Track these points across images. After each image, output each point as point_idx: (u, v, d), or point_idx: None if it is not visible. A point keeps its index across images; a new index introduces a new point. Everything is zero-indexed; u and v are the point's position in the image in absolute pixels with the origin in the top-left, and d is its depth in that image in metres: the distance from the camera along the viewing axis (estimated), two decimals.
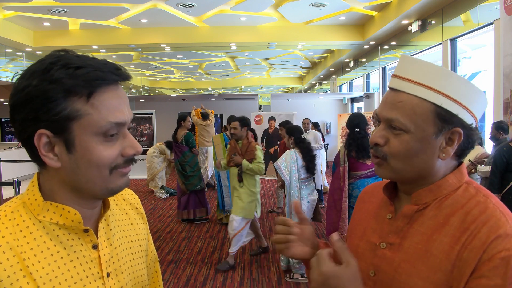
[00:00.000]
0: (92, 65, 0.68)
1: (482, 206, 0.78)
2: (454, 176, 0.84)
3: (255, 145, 4.15)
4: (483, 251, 0.72)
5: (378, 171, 0.88)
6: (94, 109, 0.67)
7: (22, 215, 0.70)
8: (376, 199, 0.98)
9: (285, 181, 3.83)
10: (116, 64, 0.72)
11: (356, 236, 0.96)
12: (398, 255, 0.83)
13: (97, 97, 0.68)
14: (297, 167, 3.80)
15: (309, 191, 3.90)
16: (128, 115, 0.72)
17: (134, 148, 0.73)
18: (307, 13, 9.24)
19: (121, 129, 0.72)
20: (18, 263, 0.65)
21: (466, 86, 0.80)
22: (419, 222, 0.83)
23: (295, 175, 3.79)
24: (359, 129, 3.64)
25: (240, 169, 4.09)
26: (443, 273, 0.76)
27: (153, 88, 20.31)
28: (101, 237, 0.76)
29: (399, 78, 0.83)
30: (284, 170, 3.79)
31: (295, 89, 21.82)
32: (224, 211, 5.74)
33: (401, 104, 0.81)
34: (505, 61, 5.13)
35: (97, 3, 8.27)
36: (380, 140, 0.84)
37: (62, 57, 0.68)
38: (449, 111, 0.79)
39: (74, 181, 0.70)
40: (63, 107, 0.66)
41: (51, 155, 0.68)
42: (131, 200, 0.93)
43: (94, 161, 0.68)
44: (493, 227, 0.74)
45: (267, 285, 3.77)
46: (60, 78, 0.65)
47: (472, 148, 0.85)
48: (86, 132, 0.68)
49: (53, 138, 0.67)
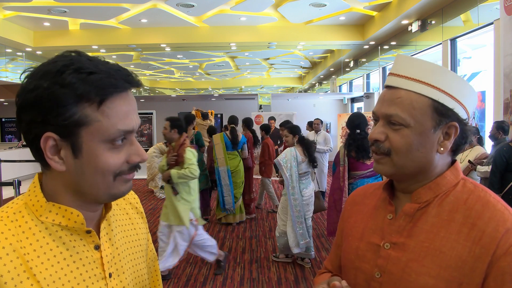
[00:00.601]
0: (104, 71, 0.67)
1: (483, 201, 0.80)
2: (451, 173, 0.86)
3: (185, 148, 3.70)
4: (495, 247, 0.74)
5: (378, 168, 0.88)
6: (104, 116, 0.67)
7: (24, 216, 0.69)
8: (370, 201, 0.98)
9: (284, 177, 4.02)
10: (128, 70, 0.72)
11: (354, 238, 0.95)
12: (404, 254, 0.83)
13: (108, 104, 0.67)
14: (296, 162, 4.01)
15: (304, 186, 4.10)
16: (136, 122, 0.72)
17: (140, 156, 0.73)
18: (307, 13, 9.24)
19: (128, 136, 0.72)
20: (21, 264, 0.65)
21: (460, 82, 0.83)
22: (422, 220, 0.83)
23: (295, 170, 4.00)
24: (360, 130, 3.63)
25: (171, 181, 3.63)
26: (453, 269, 0.76)
27: (153, 88, 20.31)
28: (103, 238, 0.76)
29: (396, 76, 0.85)
30: (284, 166, 3.99)
31: (295, 89, 21.82)
32: (225, 210, 5.76)
33: (399, 100, 0.83)
34: (505, 61, 5.13)
35: (97, 3, 8.27)
36: (380, 136, 0.85)
37: (75, 60, 0.67)
38: (445, 106, 0.81)
39: (77, 185, 0.70)
40: (73, 112, 0.65)
41: (57, 159, 0.68)
42: (131, 200, 0.93)
43: (99, 168, 0.68)
44: (500, 221, 0.76)
45: (267, 285, 3.77)
46: (73, 83, 0.64)
47: (466, 144, 0.88)
48: (94, 139, 0.67)
49: (60, 141, 0.67)
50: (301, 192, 4.04)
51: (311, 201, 4.16)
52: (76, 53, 0.69)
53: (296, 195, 3.98)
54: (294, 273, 4.02)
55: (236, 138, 5.78)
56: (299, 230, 3.98)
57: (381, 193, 0.96)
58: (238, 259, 4.43)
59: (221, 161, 5.75)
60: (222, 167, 5.73)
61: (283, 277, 3.92)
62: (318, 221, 5.96)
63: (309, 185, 4.17)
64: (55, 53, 0.70)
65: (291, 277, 3.93)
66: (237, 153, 5.86)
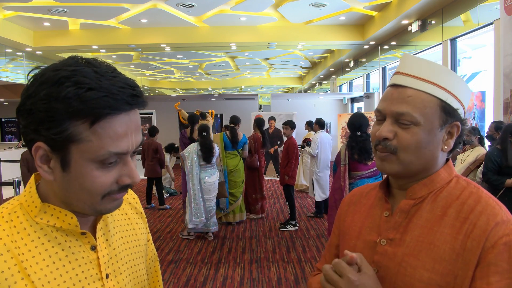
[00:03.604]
0: (105, 88, 0.63)
1: (475, 196, 0.83)
2: (445, 170, 0.88)
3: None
4: (485, 239, 0.76)
5: (383, 166, 0.88)
6: (95, 136, 0.64)
7: (19, 217, 0.69)
8: (367, 200, 0.99)
9: (185, 166, 4.98)
10: (134, 88, 0.67)
11: (351, 237, 0.97)
12: (400, 249, 0.85)
13: (102, 124, 0.64)
14: (197, 155, 4.97)
15: (207, 175, 5.01)
16: (133, 143, 0.68)
17: (131, 178, 0.69)
18: (307, 13, 9.24)
19: (122, 157, 0.68)
20: (16, 265, 0.64)
21: (461, 83, 0.87)
22: (417, 216, 0.86)
23: (195, 161, 4.95)
24: (361, 132, 3.61)
25: None
26: (447, 262, 0.78)
27: (153, 88, 20.31)
28: (100, 238, 0.76)
29: (404, 75, 0.86)
30: (187, 157, 4.99)
31: (295, 89, 21.82)
32: (220, 209, 5.78)
33: (410, 98, 0.84)
34: (505, 61, 5.13)
35: (97, 3, 8.27)
36: (389, 134, 0.85)
37: (78, 71, 0.63)
38: (452, 106, 0.85)
39: (64, 196, 0.69)
40: (64, 128, 0.63)
41: (46, 168, 0.67)
42: (130, 200, 0.92)
43: (86, 186, 0.66)
44: (490, 215, 0.79)
45: (267, 285, 3.77)
46: (68, 97, 0.61)
47: (460, 144, 0.91)
48: (83, 157, 0.65)
49: (50, 153, 0.65)
50: (203, 180, 4.96)
51: (213, 188, 5.04)
52: (85, 62, 0.66)
53: (194, 181, 4.92)
54: (294, 273, 4.03)
55: (236, 137, 5.78)
56: (194, 210, 4.88)
57: (377, 192, 0.97)
58: (238, 259, 4.44)
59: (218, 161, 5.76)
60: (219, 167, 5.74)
61: (283, 277, 3.92)
62: (318, 221, 5.96)
63: (213, 174, 5.05)
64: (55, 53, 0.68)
65: (291, 277, 3.93)
66: (237, 153, 5.87)
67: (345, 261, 0.79)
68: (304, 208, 6.91)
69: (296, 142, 5.78)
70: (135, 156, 0.73)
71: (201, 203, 4.91)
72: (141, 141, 0.71)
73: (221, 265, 4.26)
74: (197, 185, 4.90)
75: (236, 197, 5.78)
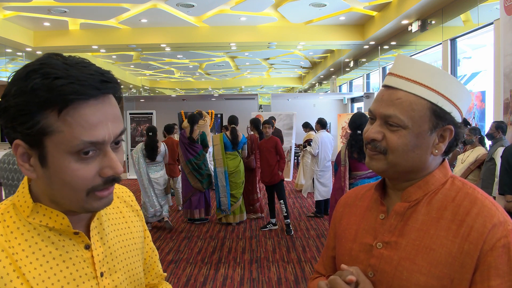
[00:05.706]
0: (73, 76, 0.62)
1: (471, 198, 0.82)
2: (440, 171, 0.87)
3: None
4: (483, 242, 0.75)
5: (370, 164, 0.89)
6: (66, 126, 0.62)
7: (12, 217, 0.69)
8: (362, 202, 0.99)
9: (134, 167, 5.55)
10: (105, 75, 0.66)
11: (347, 240, 0.96)
12: (396, 253, 0.84)
13: (70, 113, 0.62)
14: (142, 155, 5.50)
15: (151, 172, 5.58)
16: (111, 132, 0.66)
17: (112, 169, 0.67)
18: (307, 13, 9.24)
19: (100, 148, 0.66)
20: (11, 264, 0.65)
21: (457, 85, 0.84)
22: (413, 219, 0.85)
23: (142, 160, 5.49)
24: (361, 131, 3.62)
25: None
26: (444, 266, 0.78)
27: (153, 88, 20.31)
28: (94, 237, 0.76)
29: (396, 76, 0.85)
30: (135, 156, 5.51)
31: (295, 89, 21.81)
32: (221, 211, 5.77)
33: (399, 101, 0.83)
34: (505, 61, 5.13)
35: (97, 3, 8.28)
36: (377, 135, 0.85)
37: (46, 63, 0.63)
38: (443, 109, 0.82)
39: (51, 194, 0.68)
40: (36, 121, 0.61)
41: (27, 166, 0.66)
42: (125, 198, 0.91)
43: (67, 181, 0.64)
44: (487, 217, 0.77)
45: (267, 285, 3.76)
46: (35, 89, 0.60)
47: (457, 146, 0.89)
48: (58, 149, 0.63)
49: (29, 150, 0.65)
50: (150, 175, 5.54)
51: (160, 182, 5.60)
52: (56, 56, 0.65)
53: (142, 176, 5.48)
54: (294, 273, 4.02)
55: (236, 138, 5.76)
56: (147, 202, 5.40)
57: (372, 194, 0.96)
58: (238, 259, 4.43)
59: (219, 162, 5.75)
60: (220, 168, 5.74)
61: (283, 277, 3.92)
62: (318, 221, 5.96)
63: (158, 171, 5.64)
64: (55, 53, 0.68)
65: (291, 277, 3.93)
66: (237, 153, 5.85)
67: (342, 278, 0.79)
68: (304, 208, 6.92)
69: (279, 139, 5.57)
70: (121, 147, 0.71)
71: (152, 195, 5.44)
72: (122, 130, 0.69)
73: (221, 265, 4.26)
74: (146, 180, 5.46)
75: (236, 198, 5.78)
